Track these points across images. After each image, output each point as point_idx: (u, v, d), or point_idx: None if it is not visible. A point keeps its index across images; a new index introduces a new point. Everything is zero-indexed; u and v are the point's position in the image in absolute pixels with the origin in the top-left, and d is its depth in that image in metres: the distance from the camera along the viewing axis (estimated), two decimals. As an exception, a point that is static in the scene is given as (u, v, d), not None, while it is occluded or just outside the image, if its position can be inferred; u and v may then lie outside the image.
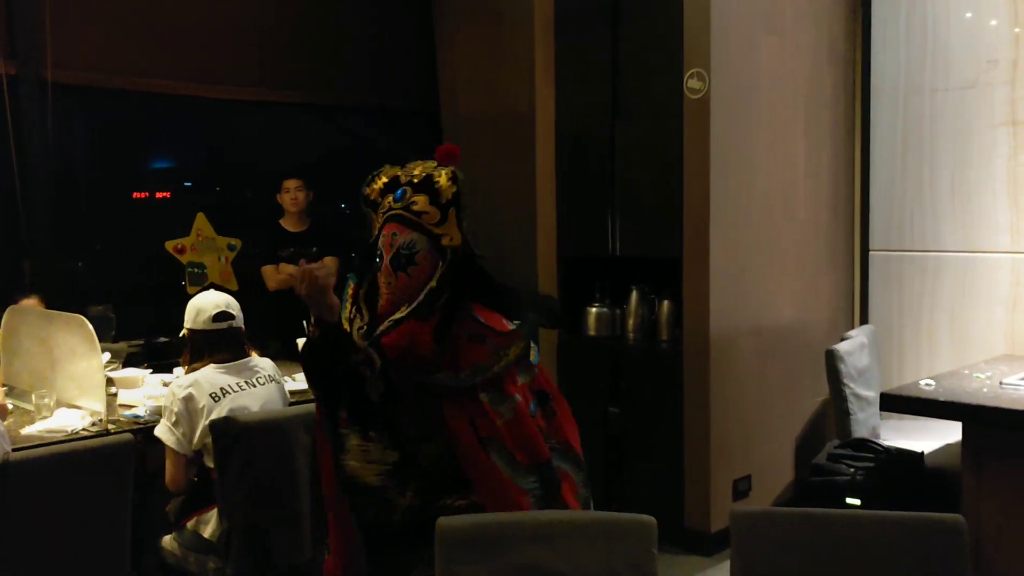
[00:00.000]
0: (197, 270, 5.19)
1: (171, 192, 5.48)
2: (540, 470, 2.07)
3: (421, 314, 2.01)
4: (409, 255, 2.06)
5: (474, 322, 2.05)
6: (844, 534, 1.91)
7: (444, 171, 2.12)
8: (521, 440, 2.06)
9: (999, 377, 3.42)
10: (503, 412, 2.05)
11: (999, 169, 4.09)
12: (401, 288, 2.06)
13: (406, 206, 2.08)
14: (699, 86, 3.83)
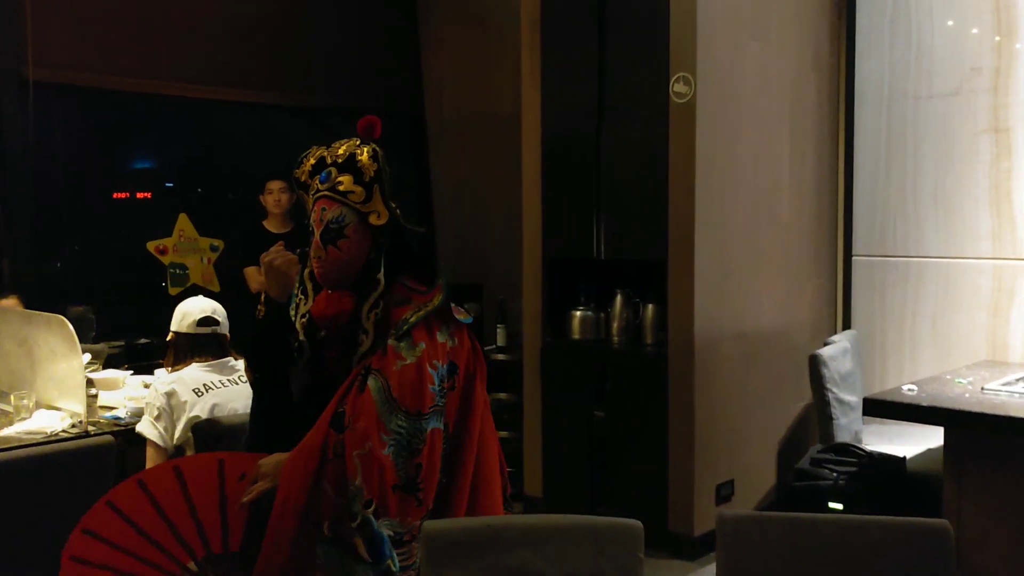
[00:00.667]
0: (179, 271, 5.15)
1: (152, 193, 5.44)
2: (413, 419, 1.99)
3: (358, 287, 2.09)
4: (339, 229, 2.09)
5: (402, 287, 2.13)
6: (830, 539, 1.91)
7: (366, 149, 2.14)
8: (408, 385, 2.00)
9: (981, 382, 3.44)
10: (404, 355, 2.03)
11: (981, 176, 4.12)
12: (332, 261, 2.10)
13: (332, 187, 2.12)
14: (685, 90, 3.84)
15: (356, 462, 1.94)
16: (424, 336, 2.06)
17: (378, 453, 1.94)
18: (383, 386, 1.98)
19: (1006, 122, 4.04)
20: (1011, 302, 4.06)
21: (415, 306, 2.09)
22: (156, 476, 2.07)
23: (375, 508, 1.89)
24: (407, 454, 1.97)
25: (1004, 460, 3.02)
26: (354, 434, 1.95)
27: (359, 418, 1.96)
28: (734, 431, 4.08)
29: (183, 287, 5.09)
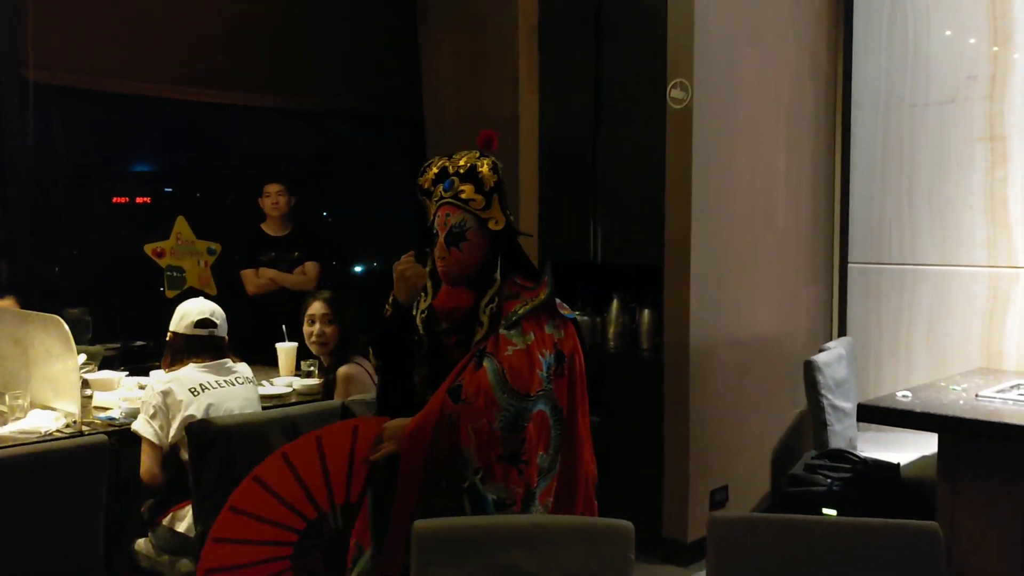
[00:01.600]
0: (176, 274, 5.16)
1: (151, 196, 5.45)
2: (521, 399, 2.21)
3: (476, 285, 2.34)
4: (460, 232, 2.32)
5: (512, 283, 2.36)
6: (822, 541, 1.91)
7: (486, 161, 2.38)
8: (518, 370, 2.23)
9: (975, 389, 3.45)
10: (515, 342, 2.25)
11: (976, 184, 4.13)
12: (454, 261, 2.33)
13: (455, 195, 2.35)
14: (682, 96, 3.85)
15: (470, 433, 2.18)
16: (533, 327, 2.29)
17: (489, 427, 2.18)
18: (497, 368, 2.21)
19: (1002, 130, 4.05)
20: (1006, 310, 4.07)
21: (523, 300, 2.31)
22: (298, 446, 2.37)
23: (482, 474, 2.17)
24: (513, 430, 2.20)
25: (998, 467, 3.02)
26: (470, 408, 2.18)
27: (476, 395, 2.19)
28: (729, 437, 4.09)
29: (180, 290, 5.09)
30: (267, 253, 4.86)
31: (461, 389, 2.21)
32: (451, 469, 2.20)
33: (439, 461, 2.20)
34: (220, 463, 2.76)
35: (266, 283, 4.80)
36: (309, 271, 4.85)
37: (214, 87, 5.24)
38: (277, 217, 4.90)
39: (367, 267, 6.45)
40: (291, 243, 4.91)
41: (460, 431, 2.18)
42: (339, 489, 2.39)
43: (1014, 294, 4.05)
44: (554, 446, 2.34)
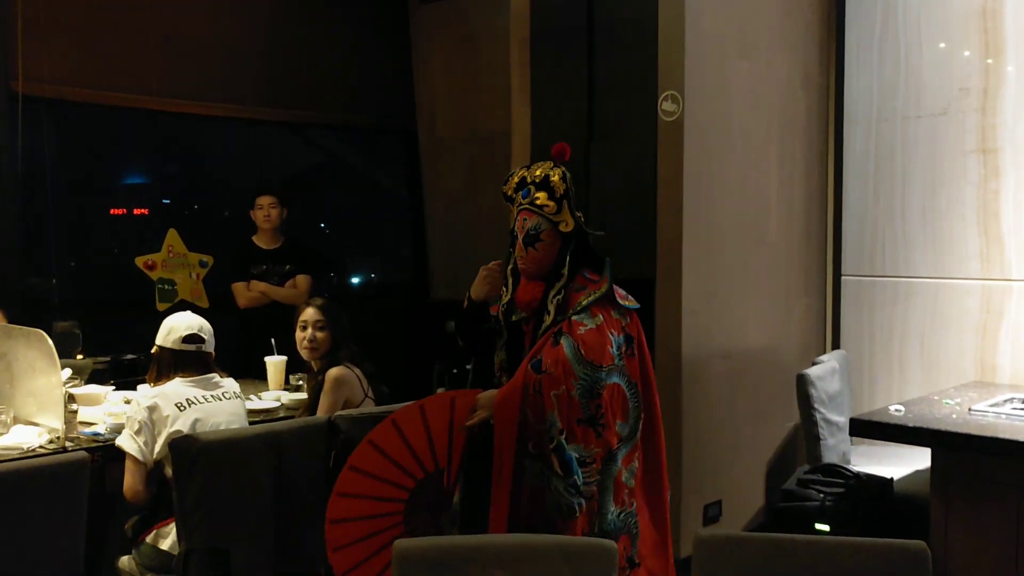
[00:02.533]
0: (167, 286, 5.13)
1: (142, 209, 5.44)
2: (595, 369, 2.54)
3: (550, 279, 2.69)
4: (536, 235, 2.68)
5: (582, 277, 2.70)
6: (808, 560, 1.89)
7: (557, 171, 2.72)
8: (591, 345, 2.56)
9: (968, 403, 3.43)
10: (586, 323, 2.59)
11: (969, 196, 4.12)
12: (531, 260, 2.69)
13: (531, 201, 2.70)
14: (673, 109, 3.84)
15: (552, 399, 2.52)
16: (601, 311, 2.63)
17: (568, 394, 2.52)
18: (573, 344, 2.55)
19: (994, 142, 4.04)
20: (999, 323, 4.05)
21: (588, 292, 2.66)
22: (404, 414, 2.64)
23: (565, 435, 2.52)
24: (589, 396, 2.54)
25: (991, 482, 3.00)
26: (551, 378, 2.52)
27: (556, 366, 2.52)
28: (722, 451, 4.06)
29: (171, 303, 5.06)
30: (258, 266, 4.84)
31: (542, 362, 2.53)
32: (539, 432, 2.52)
33: (528, 425, 2.52)
34: (203, 479, 2.73)
35: (257, 296, 4.77)
36: (300, 284, 4.82)
37: (206, 100, 5.23)
38: (269, 230, 4.87)
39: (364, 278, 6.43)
40: (282, 256, 4.88)
41: (544, 397, 2.51)
42: (442, 452, 2.66)
43: (1007, 307, 4.03)
44: (633, 417, 2.66)
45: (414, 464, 2.62)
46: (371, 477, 2.60)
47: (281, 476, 2.87)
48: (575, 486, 2.53)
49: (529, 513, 2.55)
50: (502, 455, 2.52)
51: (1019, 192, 3.99)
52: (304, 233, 5.65)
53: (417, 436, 2.62)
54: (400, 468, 2.61)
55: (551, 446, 2.51)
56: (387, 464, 2.60)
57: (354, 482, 2.58)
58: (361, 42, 5.83)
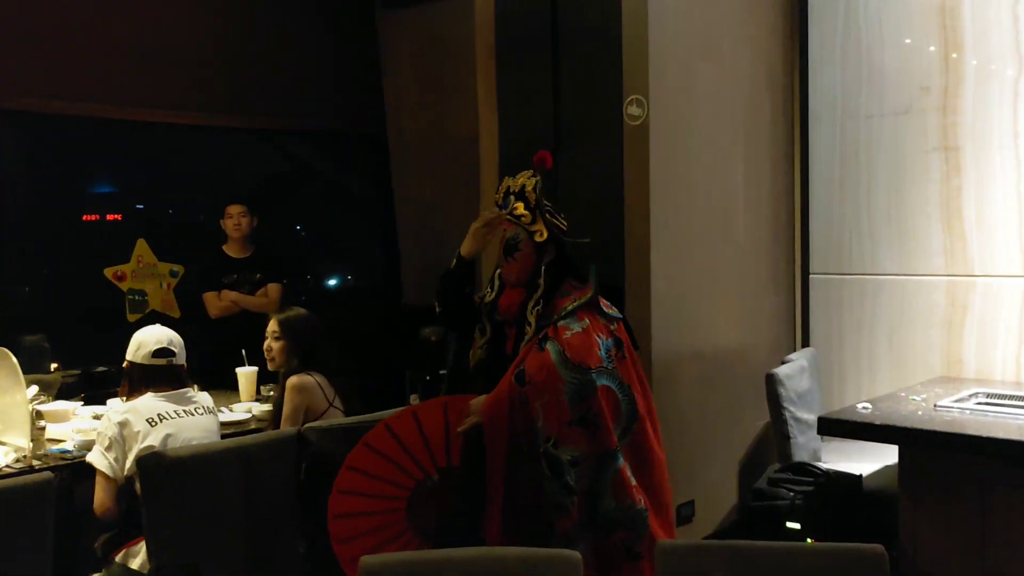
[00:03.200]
0: (138, 297, 5.11)
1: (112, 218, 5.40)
2: (583, 372, 2.59)
3: (528, 286, 2.75)
4: (514, 244, 2.76)
5: (568, 284, 2.76)
6: (769, 567, 1.91)
7: (533, 181, 2.79)
8: (577, 348, 2.60)
9: (934, 399, 3.47)
10: (572, 327, 2.65)
11: (932, 194, 4.16)
12: (511, 269, 2.77)
13: (511, 211, 2.78)
14: (638, 113, 3.85)
15: (538, 409, 2.59)
16: (588, 315, 2.69)
17: (555, 399, 2.58)
18: (559, 349, 2.60)
19: (955, 140, 4.09)
20: (964, 318, 4.10)
21: (573, 298, 2.71)
22: (398, 419, 2.75)
23: (554, 441, 2.59)
24: (578, 399, 2.59)
25: (956, 477, 3.04)
26: (535, 388, 2.59)
27: (540, 372, 2.58)
28: (694, 451, 4.08)
29: (142, 313, 5.04)
30: (229, 275, 4.82)
31: (525, 373, 2.60)
32: (529, 436, 2.61)
33: (518, 429, 2.60)
34: (172, 495, 2.72)
35: (228, 306, 4.75)
36: (271, 293, 4.81)
37: (173, 108, 5.20)
38: (239, 239, 4.85)
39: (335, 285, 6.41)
40: (253, 265, 4.86)
41: (531, 408, 2.58)
42: (439, 454, 2.75)
43: (971, 302, 4.08)
44: (625, 418, 2.71)
45: (412, 465, 2.73)
46: (370, 476, 2.72)
47: (251, 490, 2.87)
48: (567, 487, 2.60)
49: (527, 506, 2.66)
50: (494, 460, 2.62)
51: (980, 189, 4.04)
52: (274, 241, 5.63)
53: (413, 440, 2.73)
54: (398, 467, 2.73)
55: (539, 451, 2.61)
56: (385, 464, 2.72)
57: (353, 481, 2.70)
58: (329, 49, 5.81)
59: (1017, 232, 3.96)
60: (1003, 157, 3.98)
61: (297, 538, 2.98)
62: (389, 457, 2.70)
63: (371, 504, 2.71)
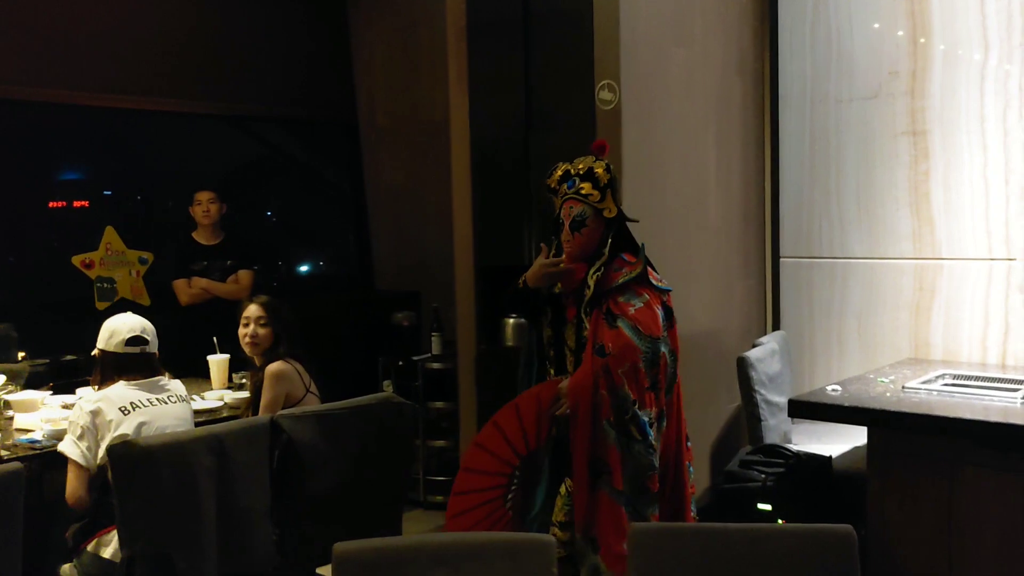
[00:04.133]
0: (107, 285, 5.05)
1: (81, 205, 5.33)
2: (653, 341, 2.87)
3: (592, 260, 2.97)
4: (581, 220, 2.98)
5: (621, 259, 2.99)
6: (742, 548, 1.93)
7: (601, 164, 3.02)
8: (645, 321, 2.88)
9: (902, 381, 3.52)
10: (635, 303, 2.90)
11: (901, 178, 4.20)
12: (577, 243, 2.99)
13: (576, 191, 3.00)
14: (610, 97, 3.85)
15: (621, 376, 2.83)
16: (645, 290, 2.95)
17: (634, 367, 2.83)
18: (630, 323, 2.86)
19: (923, 125, 4.13)
20: (931, 301, 4.15)
21: (625, 272, 2.95)
22: (503, 413, 3.00)
23: (638, 403, 2.85)
24: (651, 365, 2.88)
25: (924, 457, 3.09)
26: (615, 358, 2.83)
27: (618, 345, 2.84)
28: (667, 434, 4.10)
29: (111, 301, 4.98)
30: (199, 262, 4.78)
31: (604, 347, 2.84)
32: (614, 406, 2.83)
33: (604, 402, 2.82)
34: (144, 484, 2.70)
35: (199, 293, 4.72)
36: (243, 280, 4.78)
37: (142, 94, 5.14)
38: (209, 226, 4.81)
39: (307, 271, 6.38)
40: (223, 252, 4.83)
41: (614, 376, 2.81)
42: (532, 438, 2.97)
43: (939, 285, 4.13)
44: (669, 382, 2.98)
45: (510, 452, 2.97)
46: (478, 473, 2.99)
47: (224, 478, 2.85)
48: (651, 446, 2.88)
49: (622, 479, 2.86)
50: (581, 436, 2.84)
51: (948, 173, 4.09)
52: (246, 227, 5.58)
53: (512, 428, 2.98)
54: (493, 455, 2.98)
55: (627, 417, 2.83)
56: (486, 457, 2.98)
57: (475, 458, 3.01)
58: (299, 33, 5.76)
59: (983, 216, 4.01)
60: (970, 141, 4.03)
61: (270, 526, 2.97)
62: (507, 437, 2.97)
63: (481, 481, 2.97)
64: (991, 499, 2.95)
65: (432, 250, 5.62)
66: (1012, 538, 2.91)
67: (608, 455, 2.85)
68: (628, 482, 2.85)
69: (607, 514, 2.85)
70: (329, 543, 1.94)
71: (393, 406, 3.24)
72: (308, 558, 3.09)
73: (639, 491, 2.87)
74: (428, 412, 4.94)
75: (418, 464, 4.87)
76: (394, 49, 5.81)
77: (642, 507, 2.87)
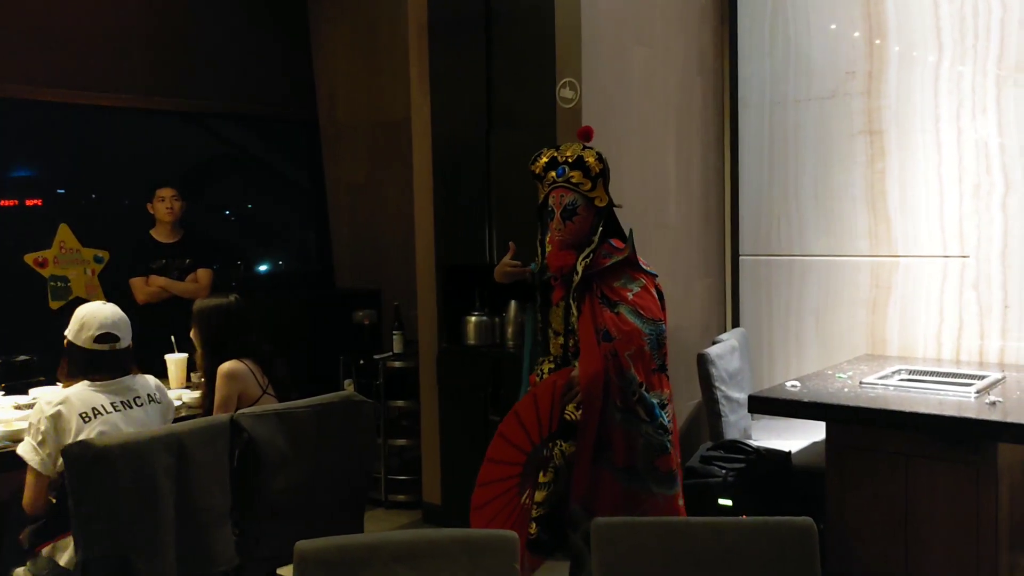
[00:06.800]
0: (60, 283, 4.97)
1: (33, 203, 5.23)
2: (656, 324, 2.92)
3: (582, 247, 2.99)
4: (573, 209, 2.98)
5: (609, 245, 3.02)
6: (703, 542, 1.94)
7: (591, 153, 3.01)
8: (645, 305, 2.93)
9: (860, 376, 3.57)
10: (632, 288, 2.95)
11: (858, 176, 4.26)
12: (569, 231, 2.99)
13: (567, 180, 2.99)
14: (571, 95, 3.87)
15: (628, 359, 2.88)
16: (639, 274, 3.00)
17: (640, 350, 2.88)
18: (631, 308, 2.91)
19: (879, 124, 4.19)
20: (887, 298, 4.21)
21: (613, 257, 2.98)
22: (523, 403, 2.98)
23: (645, 386, 2.90)
24: (657, 347, 2.93)
25: (881, 451, 3.13)
26: (622, 342, 2.88)
27: (623, 331, 2.88)
28: (628, 431, 4.12)
29: (65, 300, 4.90)
30: (157, 260, 4.71)
31: (608, 332, 2.88)
32: (621, 389, 2.87)
33: (612, 385, 2.87)
34: (100, 486, 2.64)
35: (156, 292, 4.65)
36: (201, 278, 4.72)
37: (97, 89, 5.06)
38: (169, 222, 4.75)
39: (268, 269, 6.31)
40: (182, 250, 4.76)
41: (620, 359, 2.86)
42: (546, 426, 2.96)
43: (894, 282, 4.19)
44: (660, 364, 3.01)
45: (526, 440, 2.95)
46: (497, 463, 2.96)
47: (183, 478, 2.80)
48: (663, 426, 2.92)
49: (626, 458, 2.91)
50: (589, 420, 2.89)
51: (903, 172, 4.15)
52: (204, 225, 5.51)
53: (530, 419, 2.96)
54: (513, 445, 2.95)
55: (634, 399, 2.88)
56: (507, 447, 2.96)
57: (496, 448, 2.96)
58: (259, 29, 5.71)
59: (938, 214, 4.08)
60: (925, 140, 4.09)
61: (230, 526, 2.93)
62: (524, 426, 2.96)
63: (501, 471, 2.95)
64: (946, 491, 3.01)
65: (393, 248, 5.60)
66: (965, 528, 2.97)
67: (612, 434, 2.90)
68: (637, 460, 2.91)
69: (607, 490, 2.91)
70: (290, 543, 1.92)
71: (354, 405, 3.21)
72: (269, 558, 3.05)
73: (649, 471, 2.92)
74: (389, 411, 4.92)
75: (379, 463, 4.85)
76: (355, 46, 5.78)
77: (656, 486, 2.93)
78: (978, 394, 3.21)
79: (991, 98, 3.94)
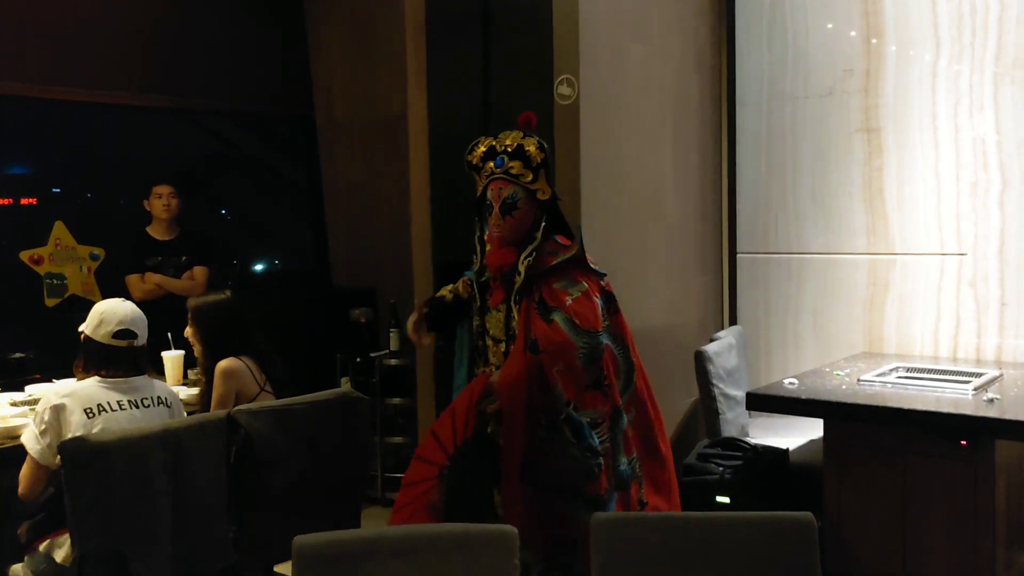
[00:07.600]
0: (56, 281, 4.94)
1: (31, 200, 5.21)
2: (592, 336, 2.66)
3: (523, 244, 2.76)
4: (513, 203, 2.75)
5: (553, 242, 2.81)
6: (702, 536, 1.94)
7: (532, 141, 2.77)
8: (583, 313, 2.67)
9: (857, 374, 3.57)
10: (572, 292, 2.71)
11: (855, 174, 4.26)
12: (508, 227, 2.76)
13: (506, 171, 2.75)
14: (568, 92, 3.86)
15: (555, 375, 2.64)
16: (583, 277, 2.75)
17: (571, 364, 2.63)
18: (566, 317, 2.66)
19: (877, 122, 4.19)
20: (885, 296, 4.21)
21: (559, 255, 2.75)
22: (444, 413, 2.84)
23: (574, 405, 2.65)
24: (591, 361, 2.67)
25: (879, 448, 3.14)
26: (550, 356, 2.63)
27: (553, 343, 2.63)
28: (625, 429, 4.12)
29: (61, 298, 4.88)
30: (153, 258, 4.70)
31: (537, 342, 2.64)
32: (547, 406, 2.64)
33: (536, 401, 2.64)
34: (97, 482, 2.63)
35: (152, 289, 4.64)
36: (198, 276, 4.71)
37: (91, 87, 5.04)
38: (166, 220, 4.73)
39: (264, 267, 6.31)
40: (178, 247, 4.75)
41: (547, 374, 2.62)
42: (460, 435, 2.77)
43: (892, 280, 4.19)
44: (624, 371, 2.82)
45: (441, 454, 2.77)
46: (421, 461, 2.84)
47: (179, 475, 2.80)
48: (591, 449, 2.66)
49: (550, 479, 2.69)
50: (513, 435, 2.65)
51: (901, 170, 4.16)
52: (201, 223, 5.50)
53: (443, 427, 2.80)
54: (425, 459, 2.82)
55: (561, 418, 2.64)
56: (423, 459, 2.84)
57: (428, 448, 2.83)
58: (255, 26, 5.69)
59: (935, 211, 4.08)
60: (922, 138, 4.10)
61: (226, 522, 2.92)
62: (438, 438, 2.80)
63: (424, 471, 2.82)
64: (943, 487, 3.01)
65: (390, 246, 5.58)
66: (963, 524, 2.97)
67: (537, 454, 2.67)
68: (564, 482, 2.68)
69: (528, 508, 2.68)
70: (286, 540, 1.92)
71: (350, 402, 3.21)
72: (265, 555, 3.05)
73: (574, 494, 2.67)
74: (385, 408, 4.91)
75: (376, 461, 4.84)
76: (352, 44, 5.77)
77: (584, 511, 2.53)
78: (975, 391, 3.22)
79: (988, 96, 3.94)
